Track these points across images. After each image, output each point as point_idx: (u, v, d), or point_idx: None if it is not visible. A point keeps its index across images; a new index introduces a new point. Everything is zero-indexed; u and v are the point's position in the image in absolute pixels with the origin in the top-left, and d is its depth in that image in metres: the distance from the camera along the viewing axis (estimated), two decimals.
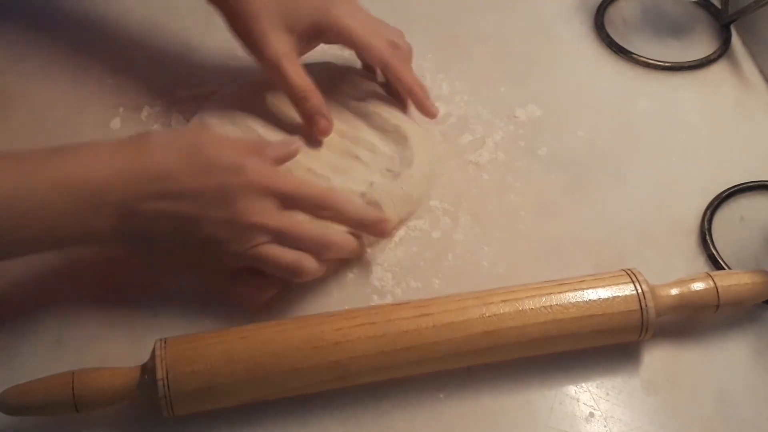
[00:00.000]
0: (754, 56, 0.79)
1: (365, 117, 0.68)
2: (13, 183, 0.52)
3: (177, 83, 0.73)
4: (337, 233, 0.59)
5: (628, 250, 0.64)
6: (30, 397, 0.52)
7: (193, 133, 0.58)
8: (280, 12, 0.63)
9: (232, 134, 0.65)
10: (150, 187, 0.54)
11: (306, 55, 0.69)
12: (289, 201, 0.57)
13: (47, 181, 0.52)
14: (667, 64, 0.77)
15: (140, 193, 0.54)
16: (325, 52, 0.72)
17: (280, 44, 0.63)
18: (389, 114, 0.68)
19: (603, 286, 0.57)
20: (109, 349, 0.58)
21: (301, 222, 0.58)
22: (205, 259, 0.58)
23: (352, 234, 0.60)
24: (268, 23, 0.63)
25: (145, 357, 0.54)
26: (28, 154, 0.54)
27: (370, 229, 0.60)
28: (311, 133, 0.66)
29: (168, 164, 0.55)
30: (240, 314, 0.59)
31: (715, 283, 0.58)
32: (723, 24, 0.80)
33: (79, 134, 0.69)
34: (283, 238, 0.56)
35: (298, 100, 0.64)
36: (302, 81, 0.64)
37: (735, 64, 0.78)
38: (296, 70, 0.64)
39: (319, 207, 0.58)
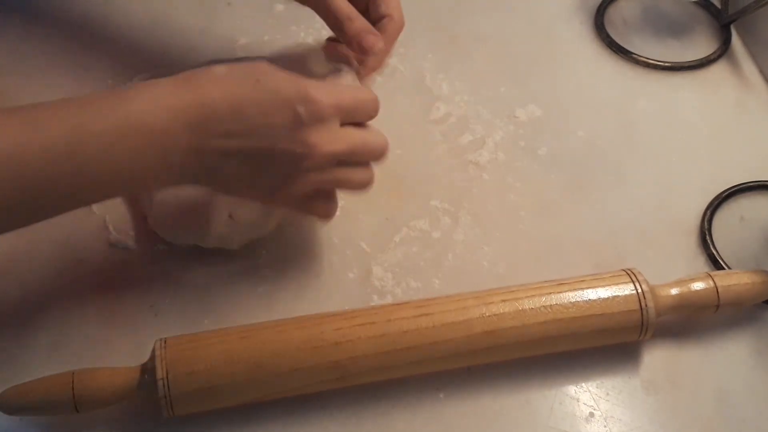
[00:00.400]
0: (754, 56, 0.79)
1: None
2: (75, 129, 0.49)
3: None
4: (380, 136, 0.59)
5: (628, 250, 0.65)
6: (30, 397, 0.52)
7: (252, 64, 0.55)
8: None
9: None
10: (219, 126, 0.52)
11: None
12: (350, 115, 0.57)
13: (111, 126, 0.50)
14: (667, 64, 0.77)
15: (208, 133, 0.52)
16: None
17: None
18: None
19: (603, 286, 0.57)
20: (109, 349, 0.58)
21: (360, 136, 0.58)
22: (275, 192, 0.57)
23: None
24: None
25: (145, 357, 0.54)
26: (90, 98, 0.52)
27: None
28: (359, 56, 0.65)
29: (235, 99, 0.52)
30: (240, 314, 0.59)
31: (715, 283, 0.58)
32: (723, 24, 0.80)
33: None
34: (351, 158, 0.57)
35: (343, 22, 0.63)
36: (347, 5, 0.63)
37: (735, 64, 0.78)
38: None
39: (371, 114, 0.59)
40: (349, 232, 0.65)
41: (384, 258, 0.63)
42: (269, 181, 0.55)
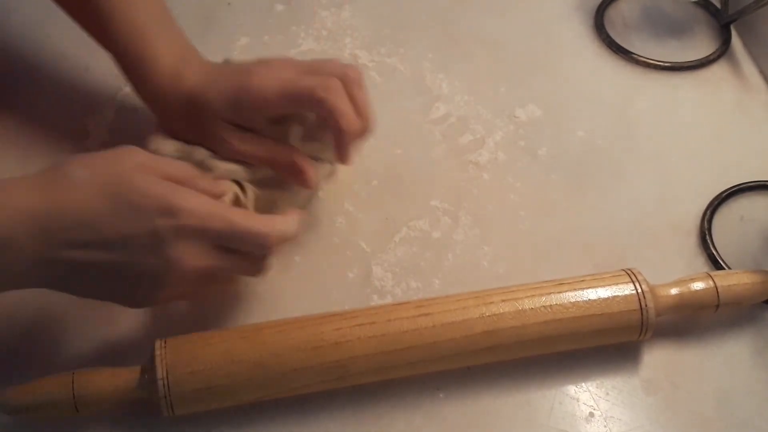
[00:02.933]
0: (754, 56, 0.79)
1: None
2: None
3: None
4: (257, 265, 0.56)
5: (628, 250, 0.64)
6: (30, 397, 0.52)
7: (117, 164, 0.51)
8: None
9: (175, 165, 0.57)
10: (69, 235, 0.49)
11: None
12: (225, 240, 0.53)
13: None
14: (666, 64, 0.77)
15: (58, 242, 0.49)
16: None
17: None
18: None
19: (603, 286, 0.57)
20: (109, 349, 0.58)
21: (236, 261, 0.54)
22: (134, 303, 0.55)
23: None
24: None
25: (145, 357, 0.54)
26: None
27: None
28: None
29: (90, 208, 0.49)
30: (240, 314, 0.59)
31: (714, 283, 0.58)
32: (723, 24, 0.80)
33: (81, 139, 0.70)
34: (220, 273, 0.54)
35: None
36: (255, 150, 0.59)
37: (735, 64, 0.78)
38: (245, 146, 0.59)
39: (255, 244, 0.54)
40: (349, 232, 0.65)
41: (384, 258, 0.64)
42: (129, 291, 0.53)
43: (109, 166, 0.51)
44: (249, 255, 0.54)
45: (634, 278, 0.57)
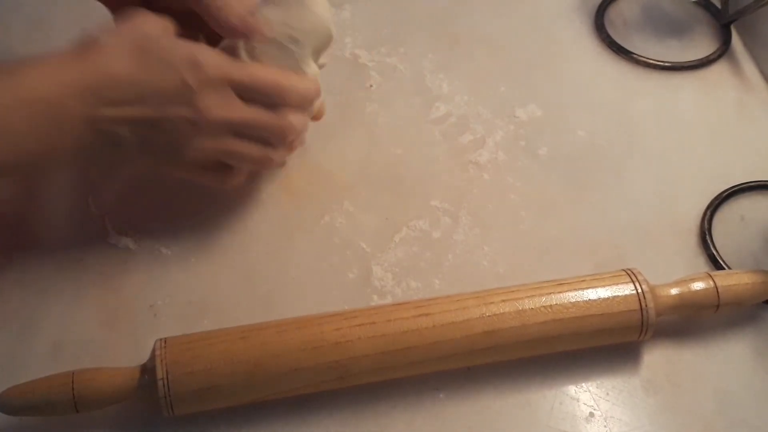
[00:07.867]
0: (754, 56, 0.79)
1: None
2: None
3: None
4: (295, 118, 0.59)
5: (628, 250, 0.64)
6: (30, 397, 0.52)
7: (142, 28, 0.56)
8: None
9: None
10: (109, 94, 0.53)
11: None
12: (246, 91, 0.57)
13: (2, 99, 0.51)
14: (667, 64, 0.77)
15: (100, 101, 0.53)
16: None
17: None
18: None
19: (603, 286, 0.57)
20: (109, 349, 0.58)
21: (260, 112, 0.58)
22: (171, 160, 0.58)
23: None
24: None
25: (144, 357, 0.54)
26: None
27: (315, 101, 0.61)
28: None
29: (124, 68, 0.53)
30: (240, 314, 0.59)
31: (715, 283, 0.58)
32: (723, 24, 0.80)
33: None
34: (246, 130, 0.58)
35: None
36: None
37: (735, 64, 0.78)
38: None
39: (274, 94, 0.58)
40: (349, 232, 0.65)
41: (384, 258, 0.63)
42: (162, 148, 0.56)
43: (136, 31, 0.55)
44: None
45: (634, 278, 0.57)
